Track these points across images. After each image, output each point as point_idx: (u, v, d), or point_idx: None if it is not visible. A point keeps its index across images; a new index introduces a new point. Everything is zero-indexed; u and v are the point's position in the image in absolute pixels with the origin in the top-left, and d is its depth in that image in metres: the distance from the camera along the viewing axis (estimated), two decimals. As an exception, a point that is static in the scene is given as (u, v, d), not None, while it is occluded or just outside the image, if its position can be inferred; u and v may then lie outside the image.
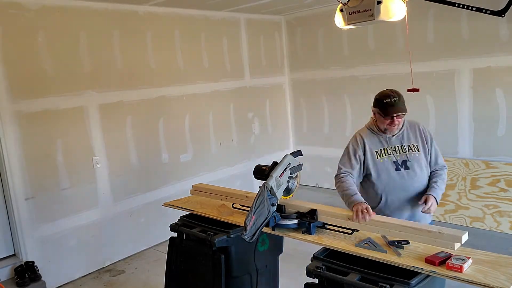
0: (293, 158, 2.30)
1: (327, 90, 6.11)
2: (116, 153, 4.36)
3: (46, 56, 3.80)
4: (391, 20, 2.61)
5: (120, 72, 4.36)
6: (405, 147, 2.49)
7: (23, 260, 3.72)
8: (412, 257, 1.89)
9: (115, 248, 4.38)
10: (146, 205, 4.63)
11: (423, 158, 2.50)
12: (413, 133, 2.54)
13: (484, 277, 1.69)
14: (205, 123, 5.29)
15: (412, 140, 2.52)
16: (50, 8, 3.80)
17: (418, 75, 5.00)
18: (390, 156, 2.49)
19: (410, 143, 2.51)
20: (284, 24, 6.35)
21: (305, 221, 2.24)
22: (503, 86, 4.56)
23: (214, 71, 5.34)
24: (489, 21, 4.41)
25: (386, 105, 2.42)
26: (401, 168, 2.46)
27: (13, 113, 3.62)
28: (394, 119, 2.42)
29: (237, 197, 2.75)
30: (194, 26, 5.07)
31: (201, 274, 2.69)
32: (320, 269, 1.97)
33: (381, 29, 5.27)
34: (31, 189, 3.75)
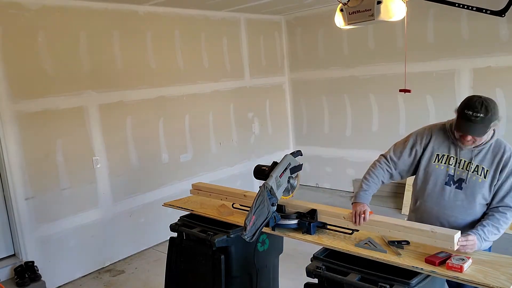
0: (293, 158, 2.30)
1: (327, 90, 6.11)
2: (116, 153, 4.36)
3: (46, 56, 3.80)
4: (391, 20, 2.62)
5: (120, 72, 4.36)
6: (472, 166, 2.06)
7: (23, 260, 3.72)
8: (412, 257, 1.89)
9: (115, 248, 4.39)
10: (146, 205, 4.63)
11: (485, 188, 2.05)
12: (492, 155, 2.06)
13: (484, 277, 1.69)
14: (205, 123, 5.29)
15: (485, 163, 2.06)
16: (50, 8, 3.80)
17: (418, 75, 5.01)
18: (449, 167, 2.12)
19: (481, 165, 2.06)
20: (284, 24, 6.35)
21: (305, 221, 2.24)
22: (503, 86, 4.56)
23: (214, 71, 5.34)
24: (489, 21, 4.41)
25: (463, 117, 1.97)
26: (452, 185, 2.10)
27: (13, 113, 3.62)
28: (467, 136, 2.01)
29: (235, 196, 2.75)
30: (194, 26, 5.07)
31: (201, 274, 2.69)
32: (320, 269, 1.97)
33: (381, 29, 5.27)
34: (31, 189, 3.75)
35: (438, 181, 2.14)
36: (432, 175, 2.16)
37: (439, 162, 2.15)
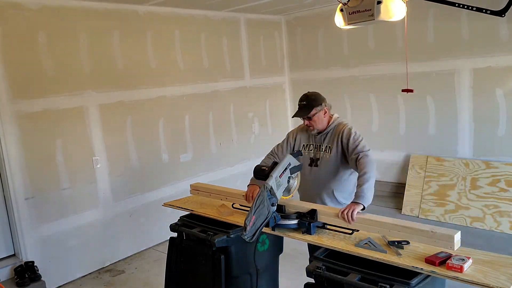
0: (293, 158, 2.31)
1: (327, 90, 6.04)
2: (116, 153, 4.36)
3: (46, 56, 3.80)
4: (391, 20, 2.61)
5: (120, 72, 4.36)
6: (322, 147, 2.71)
7: (23, 260, 3.72)
8: (412, 257, 1.90)
9: (115, 248, 4.39)
10: (146, 205, 4.63)
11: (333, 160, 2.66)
12: (334, 135, 2.68)
13: (484, 277, 1.69)
14: (205, 123, 5.29)
15: (329, 142, 2.69)
16: (50, 8, 3.80)
17: (418, 75, 5.01)
18: (310, 152, 2.76)
19: (327, 144, 2.69)
20: (284, 24, 6.35)
21: (305, 221, 2.24)
22: (503, 86, 4.56)
23: (214, 71, 5.34)
24: (489, 21, 4.41)
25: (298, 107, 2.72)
26: (312, 164, 2.73)
27: (13, 113, 3.62)
28: (304, 120, 2.70)
29: (234, 196, 2.75)
30: (194, 26, 5.07)
31: (201, 274, 2.69)
32: (320, 269, 1.97)
33: (381, 29, 5.27)
34: (31, 189, 3.75)
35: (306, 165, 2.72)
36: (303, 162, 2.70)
37: (304, 150, 2.78)
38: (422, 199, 4.96)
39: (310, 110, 2.65)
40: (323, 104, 2.69)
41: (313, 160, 2.73)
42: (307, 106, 2.66)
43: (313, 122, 2.68)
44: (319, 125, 2.70)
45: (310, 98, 2.69)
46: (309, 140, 2.80)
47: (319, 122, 2.69)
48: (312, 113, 2.65)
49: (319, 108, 2.67)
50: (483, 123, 4.74)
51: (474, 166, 4.71)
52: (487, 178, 4.59)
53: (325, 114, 2.71)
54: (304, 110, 2.66)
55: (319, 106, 2.67)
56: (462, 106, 4.87)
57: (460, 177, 4.76)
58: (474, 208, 4.59)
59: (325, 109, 2.70)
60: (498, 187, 4.49)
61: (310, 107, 2.65)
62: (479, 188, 4.60)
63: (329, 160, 2.66)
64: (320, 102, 2.68)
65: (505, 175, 4.49)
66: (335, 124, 2.73)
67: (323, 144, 2.72)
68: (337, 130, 2.68)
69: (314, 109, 2.65)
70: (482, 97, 4.71)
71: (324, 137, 2.73)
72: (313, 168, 2.72)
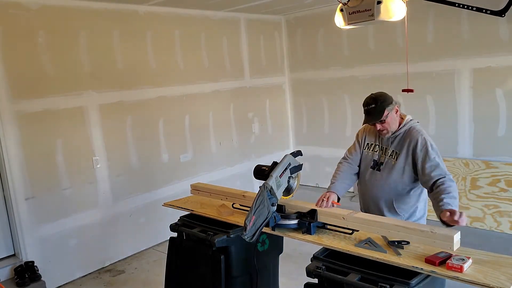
0: (293, 158, 2.30)
1: (327, 90, 6.11)
2: (116, 153, 4.36)
3: (46, 56, 3.80)
4: (391, 20, 2.61)
5: (120, 72, 4.36)
6: (389, 151, 2.49)
7: (23, 260, 3.72)
8: (412, 257, 1.89)
9: (115, 248, 4.39)
10: (146, 205, 4.63)
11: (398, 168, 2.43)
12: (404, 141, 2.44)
13: (484, 277, 1.69)
14: (205, 123, 5.29)
15: (397, 147, 2.46)
16: (50, 8, 3.80)
17: (418, 75, 5.01)
18: (375, 154, 2.57)
19: (395, 150, 2.47)
20: (284, 24, 6.36)
21: (305, 221, 2.24)
22: (503, 86, 4.56)
23: (214, 71, 5.34)
24: (489, 21, 4.41)
25: (365, 113, 2.47)
26: (375, 168, 2.55)
27: (13, 113, 3.62)
28: (376, 125, 2.45)
29: (234, 196, 2.75)
30: (194, 26, 5.07)
31: (201, 274, 2.69)
32: (320, 269, 1.97)
33: (381, 29, 5.27)
34: (31, 189, 3.75)
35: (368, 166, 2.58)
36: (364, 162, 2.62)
37: (368, 150, 2.61)
38: (422, 199, 4.96)
39: (383, 112, 2.39)
40: (394, 103, 2.44)
41: (377, 163, 2.52)
42: (378, 108, 2.39)
43: (387, 124, 2.43)
44: (393, 127, 2.46)
45: (379, 99, 2.41)
46: (376, 140, 2.58)
47: (393, 123, 2.45)
48: (385, 114, 2.39)
49: (391, 107, 2.41)
50: (483, 123, 4.74)
51: (474, 166, 4.71)
52: (487, 178, 4.59)
53: (397, 113, 2.48)
54: (375, 114, 2.40)
55: (390, 105, 2.42)
56: (462, 106, 4.87)
57: (460, 177, 4.76)
58: (474, 208, 4.59)
59: (396, 107, 2.46)
60: (498, 187, 4.49)
61: (382, 109, 2.39)
62: (479, 188, 4.60)
63: (393, 167, 2.44)
64: (390, 101, 2.43)
65: (505, 175, 4.49)
66: (406, 127, 2.47)
67: (389, 147, 2.49)
68: (409, 136, 2.42)
69: (386, 110, 2.39)
70: (482, 97, 4.71)
71: (392, 140, 2.48)
72: (375, 172, 2.52)
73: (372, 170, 2.54)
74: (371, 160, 2.56)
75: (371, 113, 2.41)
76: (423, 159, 2.33)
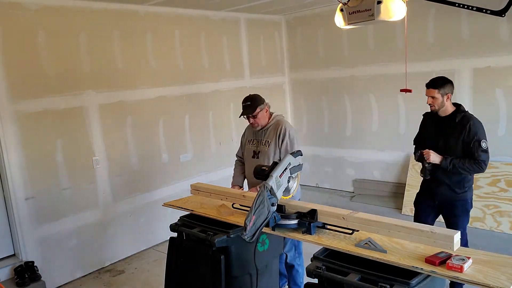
0: (293, 158, 2.30)
1: (327, 90, 6.11)
2: (116, 153, 4.36)
3: (46, 56, 3.80)
4: (391, 20, 2.61)
5: (120, 72, 4.36)
6: (263, 141, 3.16)
7: (23, 260, 3.72)
8: (412, 257, 1.89)
9: (115, 248, 4.39)
10: (146, 205, 4.63)
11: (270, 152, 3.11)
12: (273, 131, 3.12)
13: (484, 277, 1.69)
14: (205, 123, 5.29)
15: (269, 137, 3.13)
16: (50, 8, 3.80)
17: (418, 75, 4.99)
18: (253, 146, 3.22)
19: (267, 139, 3.13)
20: (284, 24, 6.36)
21: (305, 221, 2.24)
22: (503, 86, 4.56)
23: (214, 71, 5.34)
24: (489, 21, 4.41)
25: (243, 108, 3.13)
26: (254, 157, 3.19)
27: (13, 113, 3.62)
28: (249, 119, 3.13)
29: (234, 196, 2.75)
30: (194, 26, 5.07)
31: (201, 274, 2.69)
32: (320, 269, 1.96)
33: (381, 29, 5.28)
34: (31, 189, 3.75)
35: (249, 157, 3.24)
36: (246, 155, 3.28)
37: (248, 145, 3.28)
38: (422, 199, 4.96)
39: (255, 109, 3.08)
40: (265, 103, 3.13)
41: (255, 152, 3.19)
42: (252, 105, 3.08)
43: (258, 119, 3.12)
44: (262, 122, 3.14)
45: (253, 99, 3.11)
46: (253, 136, 3.25)
47: (262, 119, 3.13)
48: (256, 111, 3.08)
49: (262, 106, 3.10)
50: (483, 123, 4.72)
51: (474, 166, 4.70)
52: (487, 178, 4.59)
53: (267, 112, 3.15)
54: (249, 109, 3.09)
55: (262, 105, 3.11)
56: (462, 106, 4.87)
57: (460, 177, 4.75)
58: (474, 208, 4.55)
59: (266, 108, 3.14)
60: (498, 187, 4.49)
61: (255, 106, 3.08)
62: (479, 188, 4.60)
63: (266, 152, 3.11)
64: (262, 102, 3.11)
65: (505, 175, 4.49)
66: (274, 121, 3.16)
67: (263, 138, 3.16)
68: (276, 126, 3.12)
69: (258, 108, 3.08)
70: (482, 97, 4.71)
71: (264, 132, 3.18)
72: (254, 159, 3.16)
73: (252, 158, 3.18)
74: (251, 151, 3.23)
75: (247, 108, 3.09)
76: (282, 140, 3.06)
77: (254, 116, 3.11)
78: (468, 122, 2.90)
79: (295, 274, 3.16)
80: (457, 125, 2.93)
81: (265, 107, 3.14)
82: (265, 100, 3.15)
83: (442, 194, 3.03)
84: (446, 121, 3.00)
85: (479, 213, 4.53)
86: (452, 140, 2.93)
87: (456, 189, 2.97)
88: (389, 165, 5.59)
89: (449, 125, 2.97)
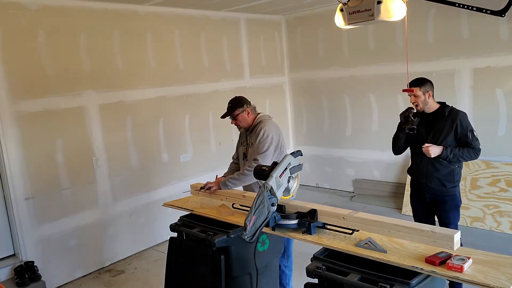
0: (293, 158, 2.30)
1: (327, 90, 6.11)
2: (116, 153, 4.35)
3: (46, 56, 3.80)
4: (391, 20, 2.61)
5: (120, 72, 4.36)
6: (249, 143, 3.16)
7: (23, 260, 3.72)
8: (412, 257, 1.89)
9: (115, 248, 4.39)
10: (146, 205, 4.63)
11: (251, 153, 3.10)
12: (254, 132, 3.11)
13: (484, 277, 1.69)
14: (205, 123, 5.29)
15: (252, 138, 3.12)
16: (50, 8, 3.80)
17: (418, 75, 4.97)
18: (244, 148, 3.23)
19: (251, 140, 3.13)
20: (284, 24, 6.36)
21: (305, 221, 2.24)
22: (503, 86, 4.56)
23: (214, 71, 5.34)
24: (489, 21, 4.41)
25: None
26: (243, 158, 3.21)
27: (13, 113, 3.62)
28: (232, 120, 3.17)
29: (234, 196, 2.75)
30: (194, 26, 5.07)
31: (201, 274, 2.69)
32: (320, 269, 1.96)
33: (381, 29, 5.27)
34: (31, 189, 3.75)
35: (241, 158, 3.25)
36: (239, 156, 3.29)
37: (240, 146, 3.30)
38: (422, 199, 4.96)
39: (233, 111, 3.11)
40: (245, 106, 3.11)
41: (245, 155, 3.21)
42: (232, 107, 3.13)
43: (238, 121, 3.13)
44: (243, 124, 3.15)
45: (233, 102, 3.14)
46: (244, 138, 3.26)
47: (243, 120, 3.13)
48: (235, 113, 3.10)
49: (241, 109, 3.10)
50: (483, 123, 4.74)
51: (474, 166, 4.71)
52: (487, 178, 4.59)
53: (248, 115, 3.12)
54: (228, 111, 3.14)
55: (241, 108, 3.10)
56: (462, 106, 4.85)
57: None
58: (474, 208, 4.59)
59: (248, 110, 3.12)
60: (498, 187, 4.49)
61: (233, 108, 3.11)
62: (479, 188, 4.60)
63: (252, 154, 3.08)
64: (242, 104, 3.11)
65: (505, 175, 4.49)
66: (256, 121, 3.15)
67: (250, 140, 3.16)
68: (256, 127, 3.11)
69: (237, 110, 3.10)
70: (482, 97, 4.71)
71: (249, 134, 3.19)
72: (244, 161, 3.18)
73: (243, 160, 3.21)
74: (242, 153, 3.24)
75: (227, 110, 3.15)
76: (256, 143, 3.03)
77: (234, 117, 3.12)
78: (457, 115, 2.98)
79: (280, 275, 3.16)
80: (447, 119, 3.00)
81: (246, 109, 3.12)
82: (248, 103, 3.15)
83: (433, 190, 3.07)
84: (434, 116, 3.05)
85: (479, 213, 4.54)
86: (444, 133, 2.99)
87: (446, 183, 3.01)
88: (389, 165, 5.59)
89: (438, 119, 3.04)
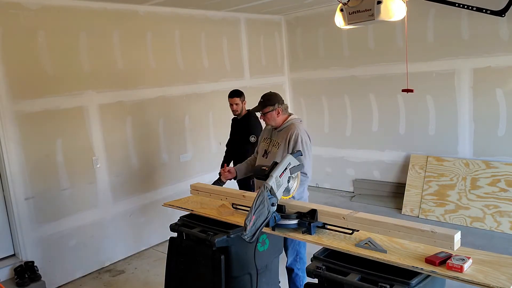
0: (293, 158, 2.30)
1: (327, 90, 6.11)
2: (116, 153, 4.35)
3: (46, 56, 3.80)
4: (391, 20, 2.61)
5: (120, 72, 4.36)
6: (273, 142, 3.08)
7: (23, 260, 3.72)
8: (412, 257, 1.89)
9: (115, 248, 4.39)
10: (146, 205, 4.63)
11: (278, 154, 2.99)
12: (284, 134, 3.01)
13: (484, 277, 1.69)
14: (205, 123, 5.29)
15: (279, 138, 3.04)
16: (50, 8, 3.80)
17: (418, 75, 5.01)
18: (266, 144, 3.15)
19: (277, 140, 3.05)
20: (284, 24, 6.36)
21: (305, 221, 2.24)
22: (503, 86, 4.56)
23: (214, 71, 5.34)
24: (489, 21, 4.41)
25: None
26: (264, 155, 3.12)
27: (13, 113, 3.62)
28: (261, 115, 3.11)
29: (234, 196, 2.75)
30: (194, 26, 5.07)
31: (201, 274, 2.69)
32: (320, 269, 1.96)
33: (381, 29, 5.27)
34: (31, 189, 3.75)
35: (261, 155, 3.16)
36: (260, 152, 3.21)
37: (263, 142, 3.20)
38: (422, 199, 4.96)
39: (264, 107, 3.04)
40: (276, 105, 3.03)
41: (266, 152, 3.13)
42: (263, 103, 3.06)
43: (267, 119, 3.07)
44: (271, 122, 3.08)
45: (266, 98, 3.08)
46: (269, 134, 3.18)
47: (272, 119, 3.06)
48: (265, 110, 3.04)
49: (271, 108, 3.02)
50: (483, 123, 4.74)
51: (474, 166, 4.71)
52: (487, 178, 4.59)
53: (278, 114, 3.04)
54: (259, 106, 3.09)
55: (272, 106, 3.03)
56: (462, 106, 4.87)
57: (460, 177, 4.76)
58: (474, 208, 4.59)
59: (279, 109, 3.04)
60: (498, 187, 4.49)
61: (264, 105, 3.05)
62: (479, 188, 4.60)
63: (275, 154, 3.01)
64: (273, 102, 3.03)
65: (505, 175, 4.49)
66: (288, 123, 3.06)
67: (275, 139, 3.08)
68: (288, 130, 3.01)
69: (267, 108, 3.03)
70: (482, 97, 4.71)
71: (277, 133, 3.10)
72: (264, 158, 3.11)
73: (262, 157, 3.12)
74: (263, 149, 3.15)
75: (259, 104, 3.08)
76: (292, 148, 2.92)
77: (263, 114, 3.07)
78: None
79: (294, 277, 3.15)
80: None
81: (277, 108, 3.03)
82: (280, 102, 3.06)
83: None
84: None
85: (479, 213, 4.54)
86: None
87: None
88: (389, 165, 5.59)
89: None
